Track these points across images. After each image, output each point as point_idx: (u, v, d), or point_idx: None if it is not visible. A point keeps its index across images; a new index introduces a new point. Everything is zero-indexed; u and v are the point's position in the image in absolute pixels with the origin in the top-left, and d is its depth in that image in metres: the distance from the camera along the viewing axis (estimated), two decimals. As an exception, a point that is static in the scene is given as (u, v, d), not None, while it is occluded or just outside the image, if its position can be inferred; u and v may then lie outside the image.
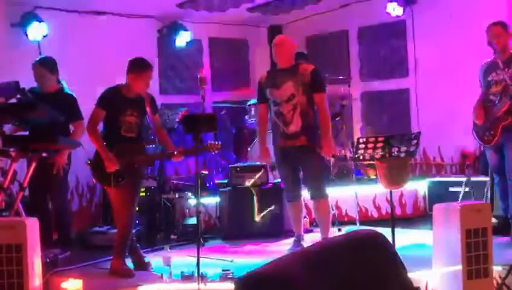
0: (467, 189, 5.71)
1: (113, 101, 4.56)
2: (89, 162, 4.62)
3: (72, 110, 5.15)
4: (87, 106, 5.16)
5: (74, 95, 5.24)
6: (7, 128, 4.55)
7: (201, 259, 4.04)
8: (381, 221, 6.03)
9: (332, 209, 5.56)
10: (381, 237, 1.94)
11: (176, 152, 4.54)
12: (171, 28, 7.43)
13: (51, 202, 5.25)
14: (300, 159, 4.89)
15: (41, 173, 4.85)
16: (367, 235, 1.95)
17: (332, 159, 5.82)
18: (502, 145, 5.03)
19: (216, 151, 4.56)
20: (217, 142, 4.49)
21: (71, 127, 5.20)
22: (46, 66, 5.15)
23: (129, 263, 4.74)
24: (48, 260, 4.57)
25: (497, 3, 6.34)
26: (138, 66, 4.55)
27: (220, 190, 6.25)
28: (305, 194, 5.11)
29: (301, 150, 4.84)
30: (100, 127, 4.66)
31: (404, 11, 7.08)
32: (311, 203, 5.56)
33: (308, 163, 4.89)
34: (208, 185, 6.85)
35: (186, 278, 4.28)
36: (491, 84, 5.03)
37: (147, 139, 4.83)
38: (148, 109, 4.64)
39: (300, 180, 5.06)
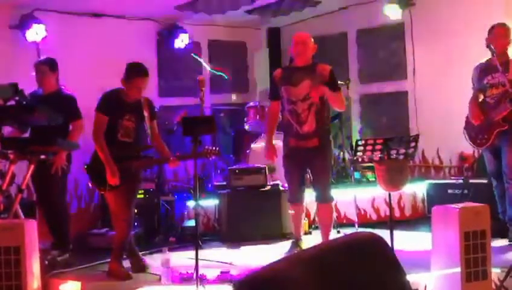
0: (465, 191, 5.72)
1: (112, 105, 4.54)
2: (86, 166, 4.62)
3: (71, 109, 5.21)
4: (86, 108, 5.19)
5: (73, 95, 5.31)
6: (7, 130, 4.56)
7: (199, 261, 4.03)
8: (380, 223, 6.04)
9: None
10: (380, 239, 1.93)
11: (171, 158, 4.54)
12: (170, 30, 7.43)
13: (49, 202, 5.26)
14: (310, 161, 4.84)
15: (42, 174, 4.95)
16: (365, 237, 1.95)
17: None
18: (499, 148, 5.01)
19: (213, 157, 4.54)
20: (214, 148, 4.45)
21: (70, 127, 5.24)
22: (47, 64, 5.28)
23: (127, 265, 4.74)
24: (46, 262, 4.57)
25: (496, 5, 6.35)
26: (131, 72, 4.52)
27: (219, 192, 6.25)
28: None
29: (313, 151, 4.79)
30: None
31: (402, 14, 7.09)
32: (309, 205, 5.57)
33: (318, 165, 4.83)
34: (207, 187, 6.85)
35: (184, 280, 4.28)
36: (487, 87, 4.99)
37: (146, 143, 4.81)
38: (146, 114, 4.62)
39: (305, 182, 5.03)
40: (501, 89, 4.87)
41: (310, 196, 5.14)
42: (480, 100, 5.11)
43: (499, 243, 4.95)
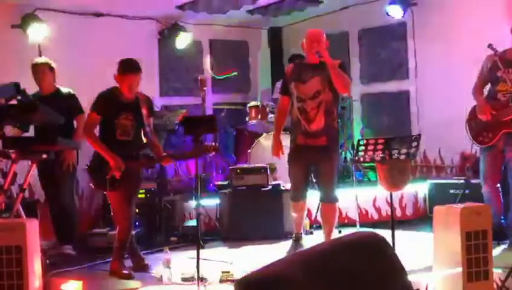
0: (467, 191, 5.71)
1: (107, 105, 4.53)
2: (87, 166, 4.63)
3: (73, 105, 5.32)
4: (87, 108, 5.20)
5: (72, 92, 5.37)
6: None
7: (201, 261, 4.03)
8: (382, 223, 6.02)
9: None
10: (381, 239, 1.93)
11: (164, 156, 4.58)
12: (172, 29, 7.44)
13: (57, 199, 5.31)
14: (318, 160, 4.78)
15: (53, 172, 5.13)
16: (367, 237, 1.95)
17: None
18: (500, 150, 4.80)
19: (213, 153, 4.50)
20: (213, 144, 4.40)
21: (75, 123, 5.38)
22: (46, 64, 5.32)
23: (129, 264, 4.74)
24: (47, 261, 4.58)
25: (498, 5, 6.34)
26: (122, 67, 4.51)
27: (220, 191, 6.25)
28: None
29: (320, 150, 4.74)
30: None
31: (404, 13, 7.08)
32: (310, 205, 5.56)
33: (325, 164, 4.77)
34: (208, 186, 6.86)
35: (185, 280, 4.28)
36: (500, 81, 4.72)
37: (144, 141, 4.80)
38: (144, 111, 4.61)
39: (309, 181, 5.02)
40: None
41: (310, 196, 5.12)
42: (485, 91, 4.86)
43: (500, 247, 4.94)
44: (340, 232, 5.62)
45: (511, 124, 4.64)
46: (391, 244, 3.30)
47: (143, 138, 4.69)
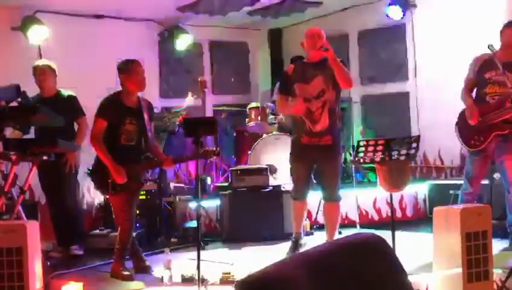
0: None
1: (113, 110, 4.53)
2: (89, 171, 4.63)
3: (73, 108, 5.33)
4: (87, 109, 5.22)
5: (73, 94, 5.38)
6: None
7: (201, 262, 4.04)
8: (382, 224, 6.03)
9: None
10: (381, 240, 1.94)
11: (165, 159, 4.59)
12: (172, 31, 7.44)
13: (61, 200, 5.33)
14: (322, 159, 4.79)
15: (54, 173, 5.15)
16: (367, 238, 1.95)
17: None
18: (491, 153, 4.71)
19: (214, 158, 4.49)
20: (214, 149, 4.38)
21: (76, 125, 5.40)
22: (48, 65, 5.33)
23: (130, 266, 4.74)
24: (48, 263, 4.60)
25: (497, 6, 6.35)
26: (124, 64, 4.55)
27: (221, 193, 6.25)
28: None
29: (325, 149, 4.75)
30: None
31: (403, 15, 7.09)
32: (310, 206, 5.56)
33: (329, 163, 4.79)
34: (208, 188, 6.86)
35: (186, 281, 4.29)
36: (488, 83, 4.63)
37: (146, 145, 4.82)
38: (145, 116, 4.62)
39: (311, 180, 5.02)
40: (505, 90, 4.48)
41: (310, 196, 5.12)
42: (473, 93, 4.81)
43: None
44: (340, 233, 5.62)
45: (503, 126, 4.55)
46: (391, 245, 3.31)
47: (146, 141, 4.71)
